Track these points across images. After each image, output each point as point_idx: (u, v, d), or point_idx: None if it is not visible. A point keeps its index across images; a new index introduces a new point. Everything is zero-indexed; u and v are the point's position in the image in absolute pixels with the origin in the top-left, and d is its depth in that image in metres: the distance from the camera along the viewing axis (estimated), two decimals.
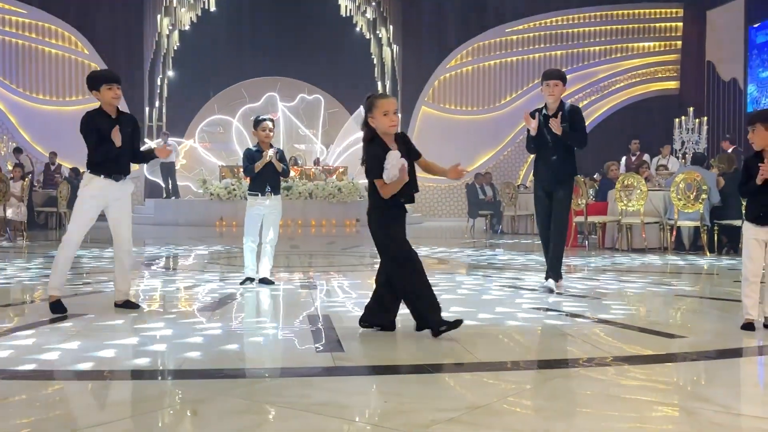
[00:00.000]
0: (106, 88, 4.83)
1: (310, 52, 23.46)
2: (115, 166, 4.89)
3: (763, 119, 4.30)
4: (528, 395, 2.93)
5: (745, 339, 4.06)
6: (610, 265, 8.53)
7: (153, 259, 9.21)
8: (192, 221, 17.72)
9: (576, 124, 5.89)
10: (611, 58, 23.80)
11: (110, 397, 2.89)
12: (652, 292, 6.13)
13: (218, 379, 3.15)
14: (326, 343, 3.89)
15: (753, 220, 4.32)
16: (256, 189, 6.25)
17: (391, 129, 3.98)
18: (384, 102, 4.00)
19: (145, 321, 4.64)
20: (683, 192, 9.69)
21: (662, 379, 3.21)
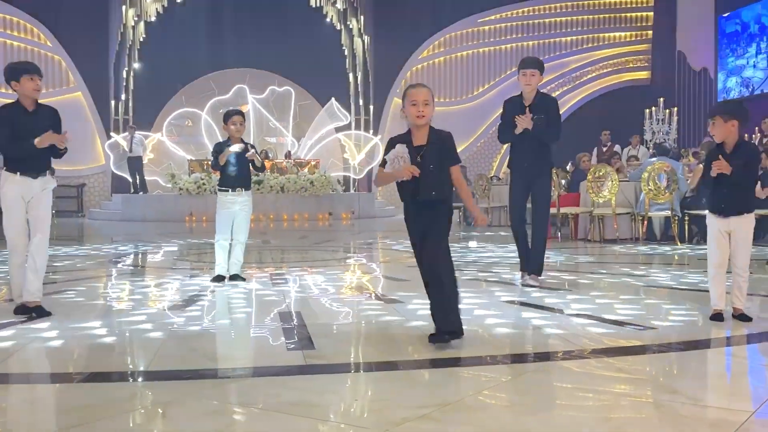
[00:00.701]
0: (27, 78, 4.62)
1: (280, 43, 23.31)
2: (32, 162, 4.69)
3: (722, 112, 4.37)
4: (500, 390, 2.97)
5: (714, 330, 4.14)
6: (583, 256, 8.63)
7: (120, 256, 9.12)
8: (161, 217, 17.57)
9: (552, 117, 5.83)
10: (583, 48, 24.02)
11: (77, 400, 2.87)
12: (623, 283, 6.21)
13: (187, 380, 3.14)
14: (297, 340, 3.90)
15: (715, 212, 4.42)
16: (226, 185, 6.20)
17: (417, 120, 3.79)
18: (412, 92, 3.83)
19: (111, 320, 4.60)
20: (654, 182, 9.83)
21: (633, 372, 3.27)
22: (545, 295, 5.53)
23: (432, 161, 3.79)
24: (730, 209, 4.34)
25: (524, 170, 5.94)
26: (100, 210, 19.74)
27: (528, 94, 5.89)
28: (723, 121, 4.33)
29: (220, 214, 6.23)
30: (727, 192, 4.34)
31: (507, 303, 5.21)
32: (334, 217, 18.42)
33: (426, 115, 3.78)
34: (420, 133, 3.84)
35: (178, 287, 6.14)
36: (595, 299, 5.39)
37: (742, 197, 4.36)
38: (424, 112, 3.77)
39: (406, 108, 3.82)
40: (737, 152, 4.35)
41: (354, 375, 3.31)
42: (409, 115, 3.82)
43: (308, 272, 7.25)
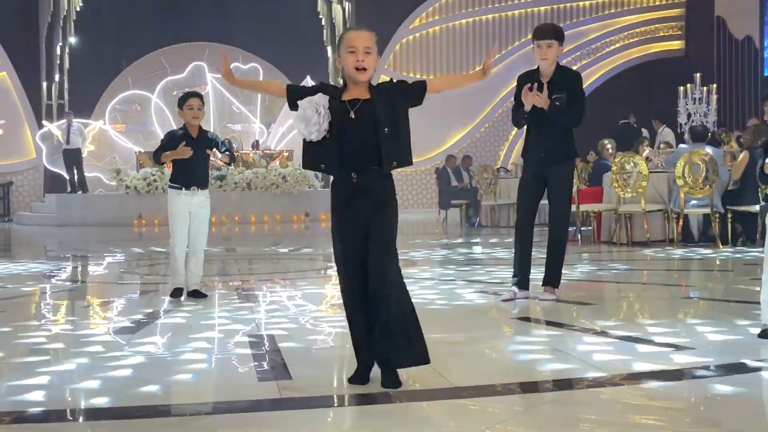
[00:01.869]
0: None
1: (245, 12, 23.27)
2: None
3: None
4: (515, 425, 2.98)
5: (764, 351, 4.16)
6: (607, 262, 8.67)
7: (55, 269, 9.08)
8: (104, 220, 17.49)
9: (575, 97, 5.69)
10: (605, 14, 24.09)
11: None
12: (655, 294, 6.24)
13: (141, 419, 3.13)
14: (270, 369, 3.89)
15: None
16: (179, 182, 6.14)
17: (358, 74, 3.43)
18: (351, 36, 3.50)
19: (45, 349, 4.58)
20: (690, 174, 9.86)
21: (668, 401, 3.29)
22: (563, 310, 5.54)
23: (386, 119, 3.42)
24: None
25: (540, 160, 5.79)
26: (31, 213, 19.65)
27: (546, 69, 5.74)
28: None
29: (174, 214, 6.16)
30: None
31: (519, 320, 5.23)
32: (311, 218, 18.40)
33: (368, 67, 3.45)
34: (357, 89, 3.50)
35: (126, 306, 6.12)
36: (622, 315, 5.42)
37: None
38: (366, 62, 3.43)
39: (343, 57, 3.48)
40: None
41: (337, 410, 3.31)
42: (347, 66, 3.46)
43: (281, 286, 7.25)
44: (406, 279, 3.60)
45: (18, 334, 4.92)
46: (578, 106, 5.71)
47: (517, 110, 5.81)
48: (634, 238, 10.71)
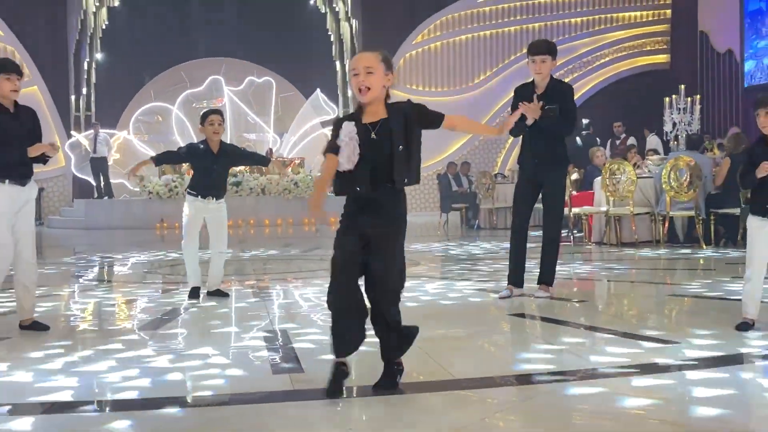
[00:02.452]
0: (5, 78, 4.68)
1: (259, 29, 23.30)
2: (20, 168, 4.76)
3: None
4: (511, 415, 2.98)
5: (746, 343, 4.15)
6: (598, 262, 8.66)
7: (84, 269, 9.10)
8: (129, 224, 17.51)
9: (567, 108, 5.70)
10: (594, 30, 24.07)
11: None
12: (643, 292, 6.24)
13: (162, 410, 3.14)
14: (284, 363, 3.90)
15: (759, 213, 4.35)
16: (197, 190, 6.11)
17: (360, 95, 3.32)
18: (353, 59, 3.41)
19: (74, 343, 4.59)
20: (675, 179, 9.85)
21: (657, 392, 3.28)
22: (557, 307, 5.54)
23: (399, 138, 3.33)
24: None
25: (534, 167, 5.81)
26: (60, 217, 19.69)
27: (540, 82, 5.76)
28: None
29: (187, 216, 6.12)
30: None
31: (516, 316, 5.23)
32: (321, 221, 18.39)
33: (372, 87, 3.29)
34: (372, 108, 3.36)
35: (149, 305, 6.13)
36: (612, 311, 5.41)
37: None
38: (368, 82, 3.28)
39: (350, 81, 3.41)
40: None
41: (347, 400, 3.31)
42: (353, 89, 3.37)
43: (294, 285, 7.25)
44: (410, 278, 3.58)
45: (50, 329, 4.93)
46: (570, 117, 5.74)
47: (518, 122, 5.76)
48: (623, 239, 10.70)
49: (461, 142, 23.14)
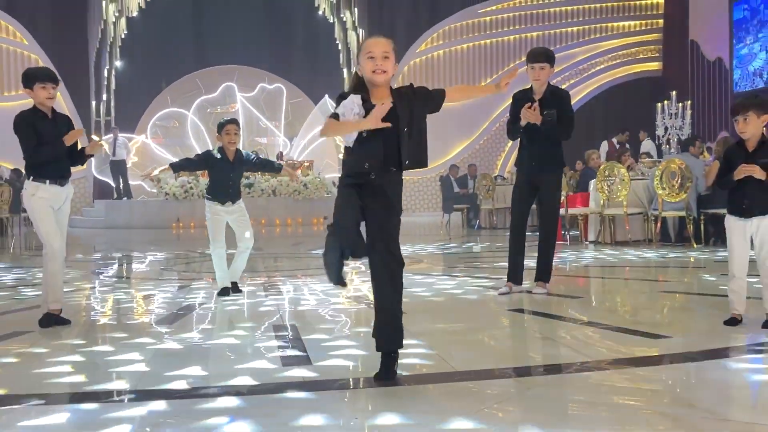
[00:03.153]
0: (40, 87, 4.80)
1: (270, 38, 23.34)
2: (59, 169, 4.89)
3: (756, 106, 4.25)
4: (509, 406, 2.97)
5: (733, 338, 4.15)
6: (593, 260, 8.64)
7: (103, 266, 9.12)
8: (146, 223, 17.57)
9: (564, 112, 5.71)
10: (590, 38, 24.04)
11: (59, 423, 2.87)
12: (636, 288, 6.23)
13: (176, 400, 3.14)
14: (293, 356, 3.90)
15: (736, 213, 4.37)
16: (214, 197, 6.10)
17: (375, 76, 3.25)
18: (369, 43, 3.31)
19: (94, 336, 4.60)
20: (667, 181, 9.84)
21: (649, 383, 3.27)
22: (554, 303, 5.53)
23: (405, 121, 3.26)
24: (752, 210, 4.30)
25: (532, 169, 5.82)
26: (82, 217, 19.74)
27: (538, 88, 5.77)
28: (757, 116, 4.24)
29: (211, 221, 6.13)
30: (749, 192, 4.28)
31: (514, 311, 5.22)
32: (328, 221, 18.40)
33: (387, 71, 3.27)
34: (379, 92, 3.30)
35: (166, 300, 6.14)
36: (606, 306, 5.39)
37: (765, 197, 4.30)
38: (384, 66, 3.26)
39: (362, 63, 3.30)
40: (762, 150, 4.30)
41: (353, 392, 3.31)
42: (366, 71, 3.29)
43: (303, 281, 7.26)
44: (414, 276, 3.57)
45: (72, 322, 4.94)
46: (567, 121, 5.74)
47: (513, 125, 5.83)
48: (617, 238, 10.69)
49: (463, 145, 23.17)
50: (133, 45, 22.73)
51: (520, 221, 5.94)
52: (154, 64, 23.17)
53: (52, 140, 4.81)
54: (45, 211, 4.79)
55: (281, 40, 23.21)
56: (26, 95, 4.90)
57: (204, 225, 6.40)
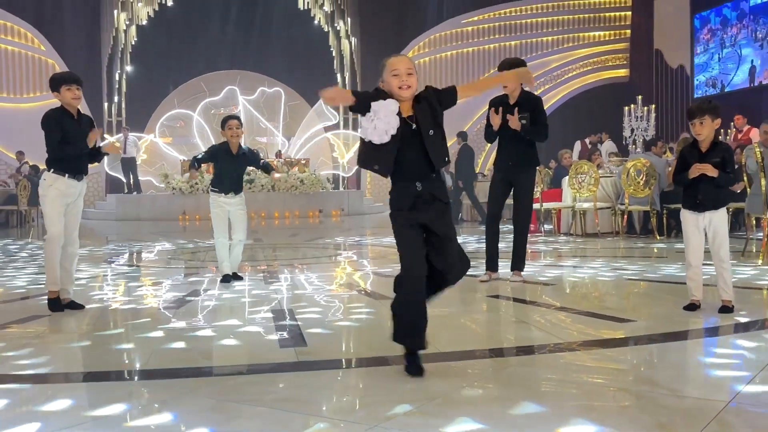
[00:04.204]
0: (66, 89, 4.86)
1: (270, 45, 23.25)
2: (77, 165, 4.91)
3: (710, 110, 4.29)
4: (486, 383, 2.99)
5: (691, 322, 4.18)
6: (565, 250, 8.67)
7: (115, 255, 9.09)
8: (154, 216, 17.51)
9: (537, 116, 5.77)
10: (564, 47, 24.08)
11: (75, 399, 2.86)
12: (604, 276, 6.26)
13: (182, 378, 3.14)
14: (290, 338, 3.90)
15: (690, 208, 4.41)
16: (219, 188, 6.16)
17: (401, 92, 3.14)
18: (393, 61, 3.21)
19: (106, 320, 4.60)
20: (633, 178, 9.88)
21: (615, 363, 3.30)
22: (529, 289, 5.55)
23: (428, 125, 3.15)
24: (705, 205, 4.36)
25: (508, 168, 5.89)
26: (95, 210, 19.64)
27: (511, 94, 5.83)
28: (711, 120, 4.29)
29: (215, 214, 6.19)
30: (702, 188, 4.33)
31: (493, 298, 5.24)
32: (324, 214, 18.40)
33: (412, 86, 3.17)
34: (404, 106, 3.19)
35: (173, 286, 6.13)
36: (577, 293, 5.42)
37: (716, 193, 4.37)
38: (409, 82, 3.16)
39: (387, 80, 3.20)
40: (714, 150, 4.36)
41: (345, 371, 3.32)
42: (392, 87, 3.17)
43: (300, 269, 7.26)
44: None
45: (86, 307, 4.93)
46: (542, 123, 5.79)
47: (489, 129, 5.90)
48: (587, 231, 10.73)
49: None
50: (143, 51, 22.60)
51: (495, 215, 6.03)
52: (162, 69, 23.06)
53: (74, 138, 4.83)
54: (56, 200, 4.80)
55: (280, 47, 23.14)
56: (48, 96, 4.96)
57: (209, 217, 6.42)
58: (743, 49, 19.71)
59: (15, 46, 21.06)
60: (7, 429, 2.50)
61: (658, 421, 2.43)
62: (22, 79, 21.06)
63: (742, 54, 19.75)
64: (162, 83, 23.31)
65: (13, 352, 3.64)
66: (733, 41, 20.14)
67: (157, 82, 23.10)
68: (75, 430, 2.48)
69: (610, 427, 2.39)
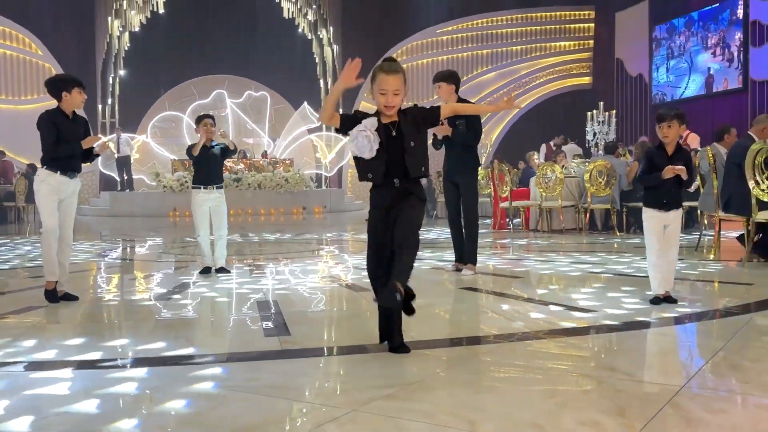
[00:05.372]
0: (77, 91, 4.80)
1: (256, 51, 23.12)
2: (71, 163, 4.82)
3: (678, 116, 4.31)
4: (457, 370, 2.99)
5: (648, 312, 4.21)
6: (532, 245, 8.72)
7: (108, 249, 8.98)
8: (146, 212, 17.35)
9: (473, 121, 5.90)
10: (531, 56, 24.20)
11: (65, 386, 2.82)
12: (568, 269, 6.29)
13: (170, 366, 3.11)
14: (274, 327, 3.87)
15: (656, 207, 4.40)
16: (199, 182, 6.19)
17: (385, 110, 3.20)
18: (382, 78, 3.20)
19: (99, 310, 4.54)
20: (595, 178, 9.96)
21: (577, 350, 3.32)
22: (498, 281, 5.57)
23: (411, 136, 3.22)
24: (671, 204, 4.37)
25: (451, 172, 6.09)
26: (89, 206, 19.42)
27: None
28: (678, 125, 4.31)
29: (196, 212, 6.19)
30: (667, 189, 4.34)
31: (465, 289, 5.25)
32: (307, 211, 18.35)
33: (395, 106, 3.21)
34: (389, 120, 3.26)
35: (163, 279, 6.07)
36: (543, 284, 5.44)
37: (679, 193, 4.43)
38: (394, 102, 3.19)
39: (375, 94, 3.23)
40: (679, 153, 4.38)
41: (326, 358, 3.30)
42: (378, 104, 3.23)
43: (284, 263, 7.22)
44: None
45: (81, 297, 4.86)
46: (474, 128, 5.94)
47: (434, 138, 6.08)
48: (552, 227, 10.81)
49: None
50: (135, 56, 22.37)
51: (454, 214, 6.19)
52: (154, 73, 22.84)
53: (69, 139, 4.75)
54: (49, 196, 4.70)
55: (266, 54, 23.01)
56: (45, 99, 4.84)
57: None
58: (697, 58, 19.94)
59: (12, 51, 20.73)
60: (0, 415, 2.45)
61: (617, 405, 2.45)
62: (20, 82, 20.77)
63: (696, 63, 19.98)
64: (153, 87, 23.09)
65: (8, 339, 3.57)
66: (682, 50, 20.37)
67: (149, 85, 22.87)
68: (66, 416, 2.44)
69: (572, 410, 2.40)
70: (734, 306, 4.37)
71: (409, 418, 2.32)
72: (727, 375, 2.84)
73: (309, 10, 22.84)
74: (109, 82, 21.76)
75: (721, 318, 4.01)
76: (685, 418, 2.30)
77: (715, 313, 4.17)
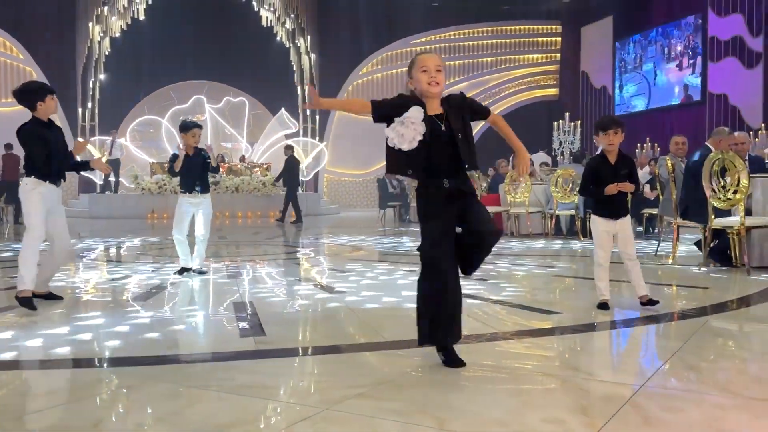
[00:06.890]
0: (50, 98, 4.60)
1: (235, 58, 22.98)
2: (58, 172, 4.67)
3: (622, 125, 4.32)
4: (428, 370, 2.99)
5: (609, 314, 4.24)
6: (500, 249, 8.77)
7: (86, 250, 8.84)
8: (124, 214, 17.11)
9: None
10: (501, 68, 24.42)
11: (44, 386, 2.77)
12: (534, 273, 6.34)
13: (147, 366, 3.07)
14: (250, 328, 3.84)
15: (605, 216, 4.35)
16: (185, 188, 6.10)
17: (431, 88, 2.90)
18: (422, 57, 2.97)
19: (78, 311, 4.46)
20: (561, 186, 10.06)
21: (542, 350, 3.34)
22: (467, 283, 5.59)
23: (459, 129, 2.91)
24: (619, 213, 4.37)
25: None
26: (68, 208, 19.01)
27: None
28: (622, 132, 4.33)
29: (178, 212, 6.12)
30: (616, 199, 4.33)
31: None
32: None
33: (440, 83, 2.92)
34: (433, 103, 2.94)
35: (141, 279, 5.99)
36: (510, 287, 5.48)
37: (627, 202, 4.48)
38: (438, 78, 2.92)
39: (416, 76, 2.95)
40: (622, 162, 4.38)
41: (300, 358, 3.28)
42: (420, 83, 2.93)
43: (261, 265, 7.17)
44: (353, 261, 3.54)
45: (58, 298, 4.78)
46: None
47: None
48: (520, 232, 10.88)
49: None
50: (116, 61, 22.10)
51: None
52: (134, 78, 22.58)
53: (56, 147, 4.59)
54: (39, 203, 4.54)
55: (245, 61, 22.89)
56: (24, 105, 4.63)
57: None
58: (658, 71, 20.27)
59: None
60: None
61: (580, 404, 2.47)
62: (2, 85, 20.38)
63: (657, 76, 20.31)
64: (133, 91, 22.83)
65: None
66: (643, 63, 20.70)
67: (129, 90, 22.61)
68: (46, 412, 2.39)
69: (537, 408, 2.41)
70: (691, 308, 4.43)
71: (380, 417, 2.32)
72: (684, 375, 2.88)
73: (287, 19, 22.78)
74: (89, 86, 21.47)
75: (679, 320, 4.07)
76: (644, 416, 2.33)
77: (673, 315, 4.23)
